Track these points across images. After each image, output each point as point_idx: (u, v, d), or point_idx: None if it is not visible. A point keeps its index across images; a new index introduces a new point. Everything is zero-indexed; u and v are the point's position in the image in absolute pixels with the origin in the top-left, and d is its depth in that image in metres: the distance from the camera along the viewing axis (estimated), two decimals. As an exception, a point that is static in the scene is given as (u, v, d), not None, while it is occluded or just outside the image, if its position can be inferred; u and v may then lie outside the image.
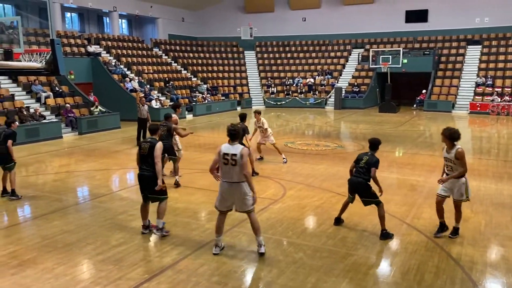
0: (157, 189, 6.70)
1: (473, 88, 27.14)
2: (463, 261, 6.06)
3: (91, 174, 11.45)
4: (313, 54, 33.98)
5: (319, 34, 34.29)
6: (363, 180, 6.83)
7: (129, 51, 27.86)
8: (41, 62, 7.77)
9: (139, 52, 28.66)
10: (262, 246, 6.22)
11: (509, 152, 14.98)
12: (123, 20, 32.97)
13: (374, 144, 7.05)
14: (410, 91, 29.70)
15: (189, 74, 30.62)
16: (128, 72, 25.60)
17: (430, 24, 31.32)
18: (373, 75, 30.07)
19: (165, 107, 22.85)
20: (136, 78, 25.27)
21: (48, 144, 16.06)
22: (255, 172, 10.61)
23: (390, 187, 6.86)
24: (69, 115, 18.58)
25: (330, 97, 29.69)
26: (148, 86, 25.08)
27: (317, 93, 30.23)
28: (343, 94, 29.34)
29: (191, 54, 33.21)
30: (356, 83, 30.06)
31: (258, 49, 35.19)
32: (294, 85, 31.16)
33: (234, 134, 6.11)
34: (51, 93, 19.90)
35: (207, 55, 34.10)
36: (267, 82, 31.81)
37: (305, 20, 34.59)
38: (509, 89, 25.85)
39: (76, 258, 6.22)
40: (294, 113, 26.37)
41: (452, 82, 28.17)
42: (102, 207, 8.58)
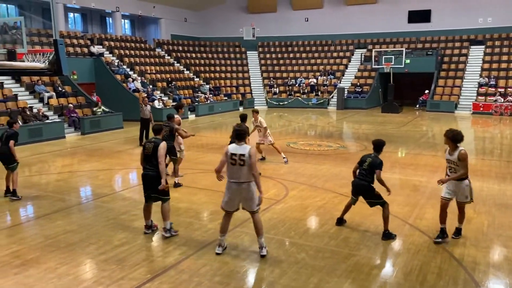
0: (161, 189, 6.71)
1: (476, 89, 27.08)
2: (466, 262, 6.05)
3: (94, 174, 11.48)
4: (316, 54, 33.96)
5: (322, 34, 34.26)
6: (366, 183, 6.80)
7: (132, 51, 27.91)
8: (44, 63, 7.79)
9: (142, 53, 28.70)
10: (264, 248, 6.21)
11: (512, 153, 14.94)
12: (126, 21, 33.03)
13: (378, 146, 6.95)
14: (413, 92, 29.63)
15: (192, 74, 30.64)
16: (131, 72, 25.65)
17: (433, 24, 31.26)
18: (376, 75, 30.03)
19: (168, 107, 22.89)
20: (139, 78, 25.31)
21: (51, 144, 16.11)
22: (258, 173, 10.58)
23: (393, 188, 6.86)
24: (72, 115, 18.64)
25: (333, 97, 29.67)
26: (151, 86, 25.10)
27: (320, 93, 30.21)
28: (346, 95, 29.31)
29: (194, 55, 33.23)
30: (359, 83, 30.02)
31: (261, 49, 35.19)
32: (297, 85, 31.14)
33: (241, 134, 6.11)
34: (54, 93, 19.96)
35: (210, 55, 34.13)
36: (270, 82, 31.80)
37: (308, 20, 34.57)
38: (512, 89, 25.83)
39: (79, 258, 6.23)
40: (297, 113, 26.36)
41: (455, 83, 28.10)
42: (105, 207, 8.60)
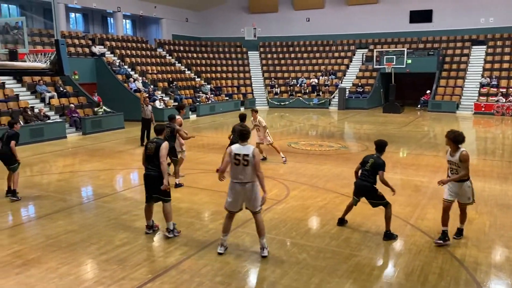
0: (163, 189, 6.71)
1: (478, 89, 27.03)
2: (468, 262, 6.04)
3: (95, 174, 11.48)
4: (317, 55, 33.94)
5: (323, 35, 34.25)
6: (369, 184, 6.78)
7: (133, 52, 27.93)
8: (46, 63, 7.80)
9: (143, 53, 28.72)
10: (265, 249, 6.20)
11: (514, 153, 14.90)
12: (127, 21, 33.06)
13: (381, 146, 6.91)
14: (414, 92, 29.62)
15: (193, 75, 30.66)
16: (132, 73, 25.67)
17: (435, 24, 31.23)
18: (377, 76, 29.99)
19: (169, 108, 22.91)
20: (140, 79, 25.32)
21: (52, 144, 16.12)
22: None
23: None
24: (73, 115, 18.66)
25: (334, 98, 29.66)
26: (152, 87, 25.13)
27: (321, 94, 30.19)
28: (347, 95, 29.28)
29: (195, 55, 33.25)
30: (360, 84, 30.00)
31: (262, 50, 35.18)
32: (298, 86, 31.13)
33: (245, 134, 6.12)
34: (56, 93, 19.99)
35: (211, 56, 34.13)
36: (271, 83, 31.80)
37: (309, 20, 34.56)
38: (514, 90, 25.78)
39: (80, 258, 6.24)
40: (298, 114, 26.35)
41: (457, 83, 28.06)
42: (106, 207, 8.60)
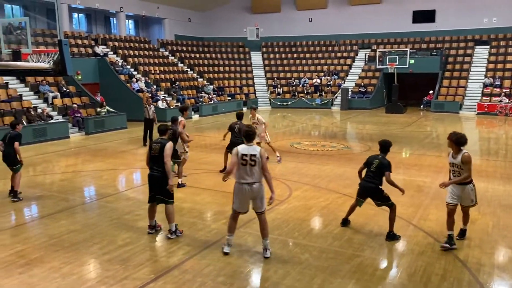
0: (168, 189, 6.72)
1: (481, 89, 26.94)
2: (470, 263, 6.02)
3: (98, 174, 11.50)
4: (320, 55, 33.91)
5: (326, 35, 34.21)
6: (374, 185, 6.74)
7: (136, 52, 27.97)
8: (49, 63, 7.82)
9: (146, 53, 28.76)
10: (268, 251, 6.20)
11: (517, 153, 14.86)
12: (130, 21, 33.10)
13: (385, 147, 6.85)
14: (417, 92, 29.57)
15: (196, 75, 30.67)
16: (135, 73, 25.70)
17: (438, 24, 31.14)
18: (380, 76, 29.95)
19: (171, 108, 22.94)
20: (143, 79, 25.36)
21: (55, 144, 16.16)
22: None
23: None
24: (76, 115, 18.69)
25: (337, 98, 29.62)
26: (155, 87, 25.16)
27: (324, 94, 30.14)
28: (350, 95, 29.24)
29: (198, 55, 33.27)
30: (363, 84, 29.95)
31: (265, 50, 35.17)
32: (300, 86, 31.10)
33: (251, 135, 6.14)
34: (59, 93, 20.03)
35: (214, 56, 34.15)
36: (273, 83, 31.78)
37: (312, 21, 34.53)
38: (517, 90, 25.70)
39: (83, 258, 6.25)
40: (300, 114, 26.33)
41: (460, 83, 27.98)
42: (109, 207, 8.62)
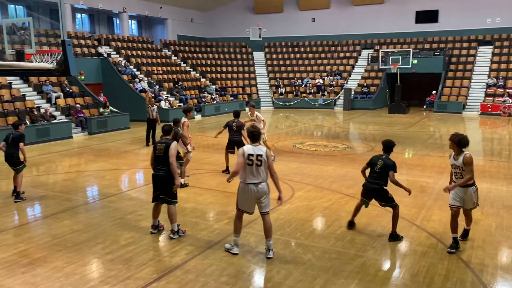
0: (175, 188, 6.74)
1: (484, 89, 26.88)
2: (474, 264, 6.01)
3: (101, 174, 11.53)
4: (322, 55, 33.90)
5: (328, 35, 34.19)
6: (378, 186, 6.70)
7: (139, 52, 28.01)
8: (52, 63, 7.83)
9: (149, 53, 28.80)
10: (271, 251, 6.20)
11: (521, 154, 14.81)
12: (133, 21, 33.16)
13: (388, 147, 6.81)
14: (420, 92, 29.49)
15: (198, 75, 30.70)
16: (138, 73, 25.75)
17: (441, 25, 31.07)
18: (383, 76, 29.91)
19: (174, 108, 22.98)
20: (146, 79, 25.39)
21: (59, 144, 16.20)
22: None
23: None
24: (79, 116, 18.74)
25: (339, 98, 29.60)
26: (157, 87, 25.20)
27: (326, 94, 30.14)
28: (352, 95, 29.23)
29: (200, 55, 33.30)
30: (366, 84, 29.92)
31: (267, 50, 35.17)
32: (303, 86, 31.09)
33: (256, 135, 6.14)
34: (62, 94, 20.09)
35: (216, 56, 34.18)
36: (276, 83, 31.78)
37: (314, 21, 34.51)
38: (521, 90, 25.61)
39: (86, 257, 6.26)
40: (303, 114, 26.32)
41: (463, 83, 27.92)
42: (112, 207, 8.63)
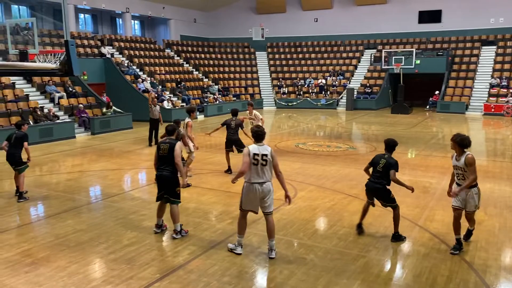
0: (182, 188, 6.74)
1: (487, 89, 26.80)
2: (477, 265, 5.99)
3: (104, 174, 11.55)
4: (325, 55, 33.87)
5: (331, 35, 34.16)
6: (381, 186, 6.67)
7: (142, 52, 28.07)
8: (55, 63, 7.86)
9: (151, 53, 28.85)
10: (273, 251, 6.20)
11: (524, 154, 14.74)
12: (136, 21, 33.22)
13: (390, 146, 6.79)
14: (423, 92, 29.42)
15: (201, 75, 30.73)
16: (141, 73, 25.79)
17: (444, 25, 30.99)
18: (386, 76, 29.85)
19: (177, 108, 23.01)
20: (148, 79, 25.44)
21: (62, 144, 16.24)
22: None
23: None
24: (82, 116, 18.78)
25: (342, 98, 29.57)
26: (160, 87, 25.23)
27: (329, 94, 30.11)
28: (355, 95, 29.19)
29: (203, 55, 33.33)
30: (368, 84, 29.87)
31: (270, 50, 35.17)
32: (306, 86, 31.07)
33: (261, 135, 6.14)
34: (65, 94, 20.14)
35: (219, 56, 34.20)
36: (278, 83, 31.77)
37: (317, 21, 34.49)
38: (524, 90, 25.51)
39: (89, 257, 6.28)
40: (306, 114, 26.30)
41: (466, 83, 27.84)
42: (114, 207, 8.65)
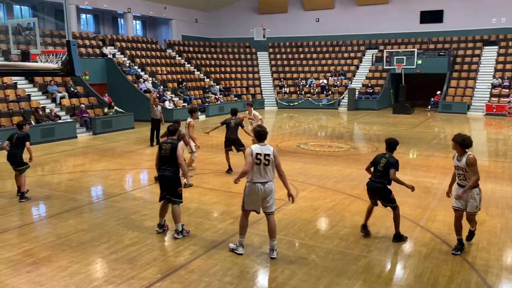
0: (186, 187, 6.75)
1: (489, 90, 26.76)
2: (478, 265, 5.98)
3: (105, 174, 11.57)
4: (327, 55, 33.85)
5: (333, 35, 34.15)
6: (382, 185, 6.64)
7: (143, 52, 28.10)
8: (57, 63, 7.86)
9: (153, 53, 28.87)
10: (275, 251, 6.20)
11: (526, 155, 14.71)
12: (137, 22, 33.25)
13: (392, 145, 6.78)
14: (425, 93, 29.40)
15: (202, 75, 30.75)
16: (142, 73, 25.81)
17: (445, 25, 30.95)
18: (387, 76, 29.83)
19: (178, 108, 23.03)
20: (150, 79, 25.46)
21: (63, 144, 16.27)
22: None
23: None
24: (84, 116, 18.81)
25: (343, 98, 29.55)
26: (162, 87, 25.25)
27: (330, 94, 30.10)
28: (357, 95, 29.16)
29: (204, 55, 33.34)
30: (370, 84, 29.85)
31: (271, 50, 35.16)
32: (307, 86, 31.05)
33: (263, 135, 6.15)
34: (66, 94, 20.17)
35: (220, 56, 34.21)
36: (280, 83, 31.76)
37: (319, 21, 34.48)
38: (526, 91, 25.47)
39: (90, 257, 6.28)
40: (307, 114, 26.29)
41: (468, 84, 27.79)
42: (116, 207, 8.66)
